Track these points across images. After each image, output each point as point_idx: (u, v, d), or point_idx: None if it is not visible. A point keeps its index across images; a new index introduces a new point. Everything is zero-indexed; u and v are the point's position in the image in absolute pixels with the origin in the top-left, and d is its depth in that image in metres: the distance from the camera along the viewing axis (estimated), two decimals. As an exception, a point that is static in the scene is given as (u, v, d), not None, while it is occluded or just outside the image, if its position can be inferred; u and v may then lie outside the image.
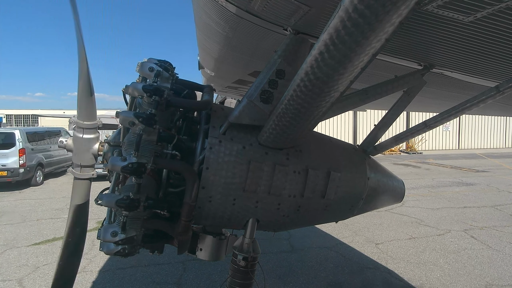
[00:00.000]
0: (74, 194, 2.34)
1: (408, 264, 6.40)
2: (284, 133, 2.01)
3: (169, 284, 5.56)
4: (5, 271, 6.01)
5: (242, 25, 2.48)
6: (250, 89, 2.20)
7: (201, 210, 2.12)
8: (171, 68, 2.21)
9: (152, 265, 6.15)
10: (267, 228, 2.41)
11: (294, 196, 2.23)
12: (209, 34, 3.47)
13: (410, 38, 2.05)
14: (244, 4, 2.13)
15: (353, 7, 1.16)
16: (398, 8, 1.16)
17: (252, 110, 2.10)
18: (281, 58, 2.15)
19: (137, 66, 2.11)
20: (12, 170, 13.31)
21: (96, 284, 5.51)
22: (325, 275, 5.94)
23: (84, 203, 2.36)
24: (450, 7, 1.56)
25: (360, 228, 8.52)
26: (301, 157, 2.26)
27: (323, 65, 1.47)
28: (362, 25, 1.21)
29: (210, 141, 2.08)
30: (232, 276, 2.23)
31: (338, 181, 2.34)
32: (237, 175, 2.08)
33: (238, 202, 2.13)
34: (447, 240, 7.75)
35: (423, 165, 21.53)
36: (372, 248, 7.25)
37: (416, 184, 14.63)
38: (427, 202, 11.45)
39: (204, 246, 2.44)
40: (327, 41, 1.36)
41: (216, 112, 2.24)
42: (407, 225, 8.87)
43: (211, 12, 2.65)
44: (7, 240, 7.64)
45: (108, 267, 6.13)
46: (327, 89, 1.62)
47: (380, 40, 1.38)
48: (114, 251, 1.91)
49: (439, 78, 2.78)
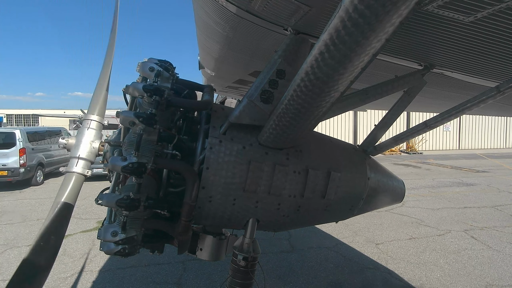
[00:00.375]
0: (62, 191, 1.94)
1: (408, 264, 6.39)
2: (284, 133, 2.01)
3: (169, 284, 5.55)
4: (6, 271, 6.01)
5: (242, 25, 2.47)
6: (250, 89, 2.20)
7: (201, 210, 2.12)
8: (171, 68, 2.22)
9: (152, 265, 6.15)
10: (267, 228, 2.41)
11: (294, 196, 2.23)
12: (210, 34, 3.47)
13: (410, 38, 2.05)
14: (244, 4, 2.13)
15: (353, 7, 1.16)
16: (398, 8, 1.16)
17: (252, 110, 2.10)
18: (281, 58, 2.15)
19: (138, 66, 2.11)
20: (13, 169, 13.33)
21: (96, 284, 5.51)
22: (325, 275, 5.93)
23: (69, 205, 1.93)
24: (450, 7, 1.56)
25: (360, 228, 8.51)
26: (301, 157, 2.26)
27: (323, 65, 1.47)
28: (362, 25, 1.21)
29: (210, 141, 2.08)
30: (232, 276, 2.23)
31: (338, 181, 2.34)
32: (237, 175, 2.08)
33: (238, 202, 2.13)
34: (447, 240, 7.75)
35: (424, 165, 21.51)
36: (372, 248, 7.24)
37: (416, 184, 14.62)
38: (427, 202, 11.44)
39: (204, 246, 2.44)
40: (327, 41, 1.36)
41: (217, 112, 2.24)
42: (408, 225, 8.87)
43: (211, 12, 2.64)
44: (7, 239, 7.64)
45: (108, 267, 6.13)
46: (327, 89, 1.62)
47: (380, 40, 1.38)
48: (114, 250, 1.91)
49: (439, 78, 2.78)
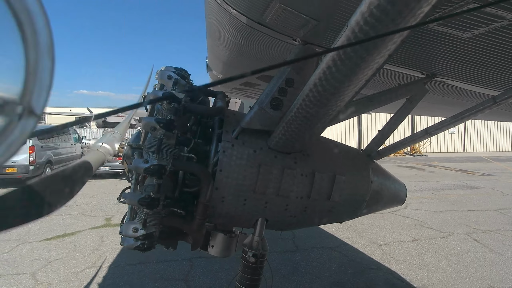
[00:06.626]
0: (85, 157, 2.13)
1: (410, 266, 6.48)
2: (292, 139, 2.15)
3: (177, 280, 5.71)
4: (19, 265, 6.21)
5: (252, 34, 2.61)
6: (261, 96, 2.34)
7: (214, 209, 2.27)
8: (187, 75, 2.37)
9: (160, 262, 6.31)
10: (275, 227, 2.54)
11: (301, 197, 2.36)
12: (219, 40, 3.61)
13: (413, 49, 2.18)
14: (256, 16, 2.27)
15: (359, 27, 1.29)
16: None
17: (263, 116, 2.24)
18: (290, 67, 2.29)
19: (156, 74, 2.27)
20: (22, 167, 13.60)
21: (106, 279, 5.69)
22: (329, 275, 6.05)
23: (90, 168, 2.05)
24: (449, 25, 1.69)
25: (364, 229, 8.61)
26: (308, 161, 2.39)
27: (330, 78, 1.60)
28: (367, 43, 1.35)
29: (223, 145, 2.22)
30: (242, 272, 2.37)
31: (342, 184, 2.47)
32: (248, 177, 2.22)
33: (249, 203, 2.27)
34: (450, 242, 7.82)
35: (428, 167, 21.49)
36: (375, 249, 7.34)
37: (420, 187, 14.66)
38: (430, 204, 11.49)
39: (216, 243, 2.58)
40: (334, 56, 1.50)
41: (229, 117, 2.38)
42: (411, 227, 8.94)
43: (223, 20, 2.78)
44: (19, 235, 7.86)
45: (117, 263, 6.31)
46: (333, 99, 1.75)
47: (383, 56, 1.51)
48: (134, 245, 2.07)
49: (441, 85, 2.90)
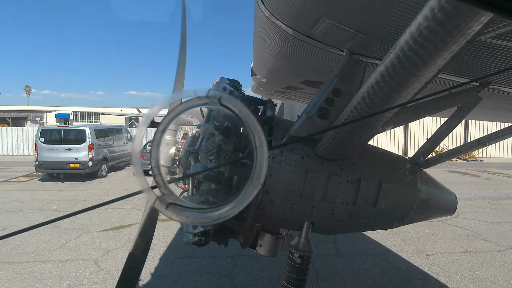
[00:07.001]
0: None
1: (462, 279, 6.14)
2: (339, 147, 2.24)
3: (221, 276, 6.02)
4: (83, 252, 6.96)
5: (299, 45, 2.74)
6: (308, 105, 2.46)
7: (264, 212, 2.43)
8: (239, 86, 2.58)
9: (206, 257, 6.68)
10: (321, 231, 2.65)
11: (347, 203, 2.44)
12: (266, 49, 3.77)
13: (466, 60, 2.15)
14: (305, 30, 2.40)
15: (408, 47, 1.38)
16: (450, 47, 1.35)
17: (310, 124, 2.36)
18: (338, 78, 2.38)
19: (213, 86, 2.51)
20: (83, 163, 15.13)
21: (158, 270, 6.16)
22: (372, 282, 5.96)
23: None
24: (503, 38, 1.68)
25: (410, 238, 8.28)
26: (354, 168, 2.46)
27: (378, 92, 1.68)
28: (416, 61, 1.42)
29: (273, 152, 2.38)
30: (289, 272, 2.50)
31: (389, 191, 2.50)
32: (295, 182, 2.35)
33: (296, 206, 2.41)
34: (508, 257, 7.24)
35: (483, 174, 19.80)
36: (423, 259, 7.04)
37: (474, 195, 13.62)
38: (486, 214, 10.67)
39: (264, 243, 2.75)
40: (383, 72, 1.59)
41: (278, 125, 2.54)
42: (462, 238, 8.41)
43: (271, 32, 2.94)
44: (82, 225, 8.76)
45: (167, 256, 6.80)
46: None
47: (432, 71, 1.56)
48: (192, 241, 2.31)
49: (496, 93, 2.78)
